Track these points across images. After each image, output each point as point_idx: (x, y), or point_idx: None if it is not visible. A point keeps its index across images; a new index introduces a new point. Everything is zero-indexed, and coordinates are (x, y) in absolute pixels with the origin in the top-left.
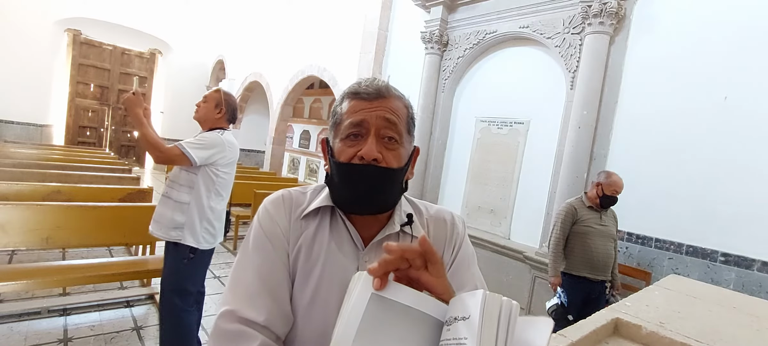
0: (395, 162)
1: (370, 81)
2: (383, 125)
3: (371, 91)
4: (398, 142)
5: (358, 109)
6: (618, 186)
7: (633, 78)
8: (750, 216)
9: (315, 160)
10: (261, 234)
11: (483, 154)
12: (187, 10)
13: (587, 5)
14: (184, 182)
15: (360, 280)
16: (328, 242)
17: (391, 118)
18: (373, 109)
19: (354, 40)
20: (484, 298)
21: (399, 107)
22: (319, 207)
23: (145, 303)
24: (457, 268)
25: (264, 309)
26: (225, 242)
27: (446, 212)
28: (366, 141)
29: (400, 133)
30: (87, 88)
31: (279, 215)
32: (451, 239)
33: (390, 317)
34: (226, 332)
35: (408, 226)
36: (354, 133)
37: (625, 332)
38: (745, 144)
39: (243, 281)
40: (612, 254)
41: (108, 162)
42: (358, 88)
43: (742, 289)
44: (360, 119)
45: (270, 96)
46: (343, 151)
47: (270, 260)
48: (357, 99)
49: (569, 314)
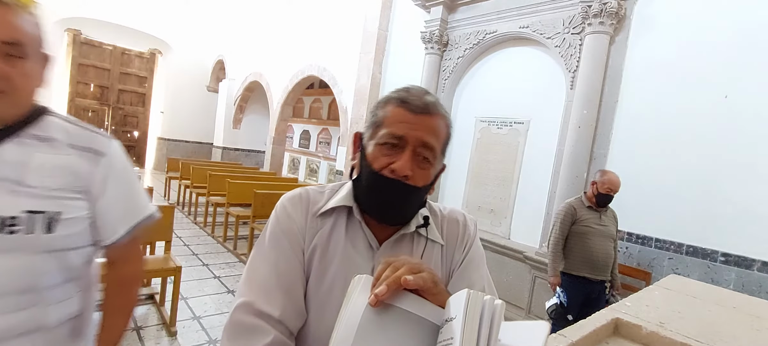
0: (422, 181)
1: (420, 93)
2: (421, 146)
3: (419, 105)
4: (430, 163)
5: (401, 120)
6: (612, 184)
7: (633, 78)
8: (750, 216)
9: (315, 160)
10: (278, 230)
11: (483, 154)
12: (187, 10)
13: (587, 5)
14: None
15: (359, 283)
16: (344, 241)
17: (431, 141)
18: (416, 127)
19: (354, 40)
20: (468, 297)
21: (441, 127)
22: (336, 206)
23: (145, 303)
24: (465, 267)
25: (279, 304)
26: (225, 242)
27: (459, 213)
28: (401, 155)
29: (435, 154)
30: (87, 88)
31: (296, 213)
32: (462, 239)
33: (388, 321)
34: (242, 324)
35: (424, 228)
36: (392, 144)
37: (625, 332)
38: (746, 144)
39: (259, 275)
40: (611, 253)
41: None
42: (406, 96)
43: (742, 289)
44: (401, 134)
45: (270, 96)
46: (377, 157)
47: (286, 257)
48: (403, 108)
49: (569, 314)
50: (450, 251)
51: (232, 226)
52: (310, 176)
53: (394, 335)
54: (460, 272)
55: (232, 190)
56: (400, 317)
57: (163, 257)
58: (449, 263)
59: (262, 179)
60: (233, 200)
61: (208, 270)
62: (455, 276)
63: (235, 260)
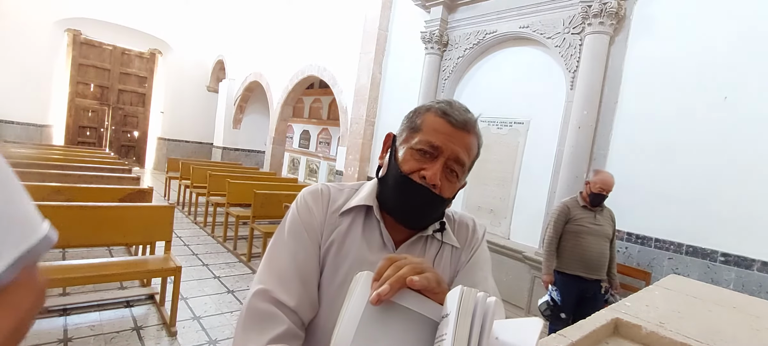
0: (448, 193)
1: (461, 109)
2: (454, 159)
3: (460, 120)
4: (458, 178)
5: (440, 130)
6: (604, 184)
7: (633, 78)
8: (750, 216)
9: (315, 160)
10: (298, 221)
11: (483, 154)
12: (187, 10)
13: (587, 5)
14: None
15: (360, 280)
16: (360, 240)
17: (463, 157)
18: (453, 140)
19: (354, 40)
20: (461, 293)
21: (474, 146)
22: (355, 206)
23: (145, 303)
24: (470, 268)
25: (295, 294)
26: (225, 242)
27: (468, 218)
28: (434, 164)
29: (464, 171)
30: (87, 88)
31: (317, 207)
32: (470, 242)
33: (389, 318)
34: (259, 311)
35: (439, 232)
36: (426, 151)
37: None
38: (745, 144)
39: (278, 264)
40: (606, 253)
41: (108, 162)
42: (449, 109)
43: (742, 289)
44: (438, 144)
45: (270, 96)
46: (408, 161)
47: (304, 248)
48: (444, 119)
49: (562, 313)
50: (457, 254)
51: (232, 226)
52: (310, 176)
53: (395, 332)
54: (464, 272)
55: (232, 190)
56: (401, 314)
57: (163, 257)
58: (456, 265)
59: (262, 179)
60: (233, 200)
61: (208, 270)
62: (459, 276)
63: (235, 260)
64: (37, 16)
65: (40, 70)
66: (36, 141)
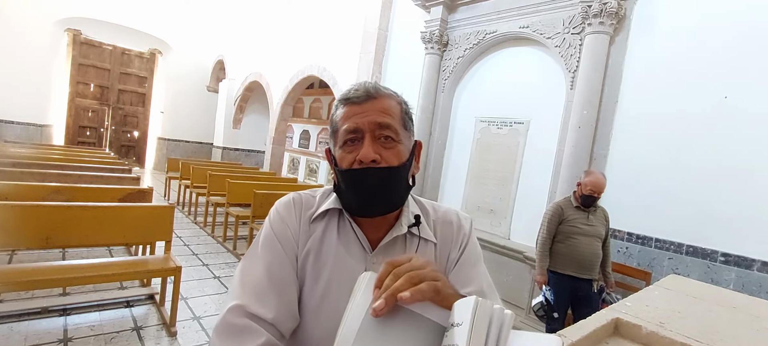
0: (395, 160)
1: (360, 85)
2: (377, 127)
3: (361, 94)
4: (395, 140)
5: (351, 114)
6: (595, 186)
7: (633, 78)
8: (750, 216)
9: (315, 160)
10: (271, 235)
11: (483, 154)
12: (187, 10)
13: (587, 5)
14: None
15: (364, 281)
16: (337, 244)
17: (384, 120)
18: (365, 113)
19: (354, 40)
20: (476, 305)
21: (391, 106)
22: (328, 210)
23: (145, 303)
24: (461, 265)
25: (272, 307)
26: (225, 241)
27: (452, 213)
28: (362, 144)
29: (396, 131)
30: (87, 88)
31: (290, 218)
32: (457, 239)
33: (392, 320)
34: (233, 326)
35: (415, 227)
36: (351, 139)
37: (625, 332)
38: (745, 144)
39: (252, 278)
40: (599, 253)
41: (108, 162)
42: (348, 93)
43: (742, 289)
44: (354, 126)
45: (270, 96)
46: (344, 158)
47: (279, 259)
48: (349, 104)
49: (555, 312)
50: (445, 252)
51: (232, 226)
52: (310, 176)
53: (398, 336)
54: (457, 270)
55: (232, 190)
56: (404, 317)
57: (163, 257)
58: (445, 263)
59: (261, 178)
60: (233, 200)
61: (208, 270)
62: (452, 275)
63: (235, 260)
64: (37, 16)
65: (40, 70)
66: (36, 141)
